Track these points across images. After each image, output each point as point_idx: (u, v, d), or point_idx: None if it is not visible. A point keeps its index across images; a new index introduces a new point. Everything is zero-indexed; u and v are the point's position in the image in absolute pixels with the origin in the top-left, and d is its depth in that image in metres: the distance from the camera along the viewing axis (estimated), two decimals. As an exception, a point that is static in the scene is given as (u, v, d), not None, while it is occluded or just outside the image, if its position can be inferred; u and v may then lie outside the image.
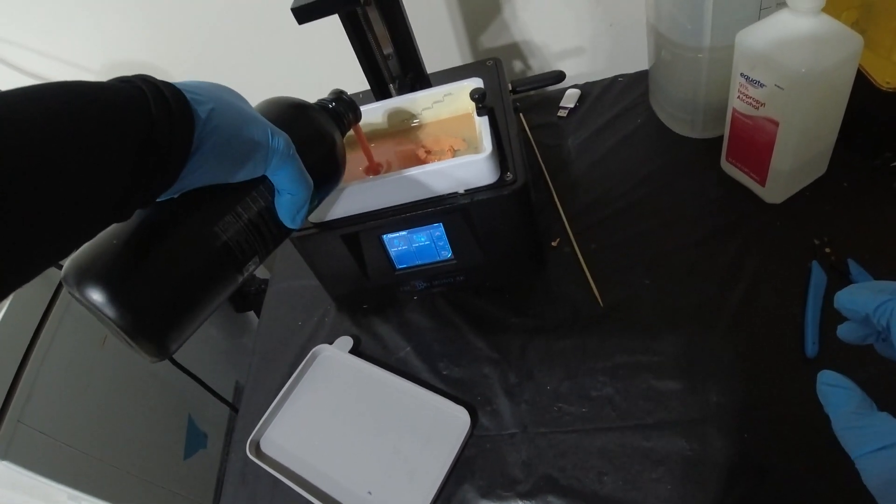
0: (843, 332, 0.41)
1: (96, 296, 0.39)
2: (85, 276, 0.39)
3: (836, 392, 0.36)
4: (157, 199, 0.41)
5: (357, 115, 0.61)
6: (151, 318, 0.41)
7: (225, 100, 0.43)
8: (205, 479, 1.13)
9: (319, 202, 0.55)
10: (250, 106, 0.47)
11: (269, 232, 0.48)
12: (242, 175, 0.45)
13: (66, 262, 0.41)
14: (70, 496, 0.96)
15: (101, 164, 0.35)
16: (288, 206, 0.48)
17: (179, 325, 0.43)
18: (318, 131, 0.54)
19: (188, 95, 0.40)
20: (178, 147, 0.39)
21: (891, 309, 0.35)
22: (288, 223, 0.49)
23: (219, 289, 0.46)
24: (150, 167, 0.37)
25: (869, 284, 0.38)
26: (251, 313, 1.27)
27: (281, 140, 0.46)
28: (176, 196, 0.44)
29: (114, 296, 0.39)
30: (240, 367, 1.25)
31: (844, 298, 0.39)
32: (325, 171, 0.53)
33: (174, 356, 1.06)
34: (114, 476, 1.00)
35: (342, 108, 0.59)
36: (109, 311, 0.39)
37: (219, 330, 1.23)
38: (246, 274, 0.48)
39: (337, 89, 0.60)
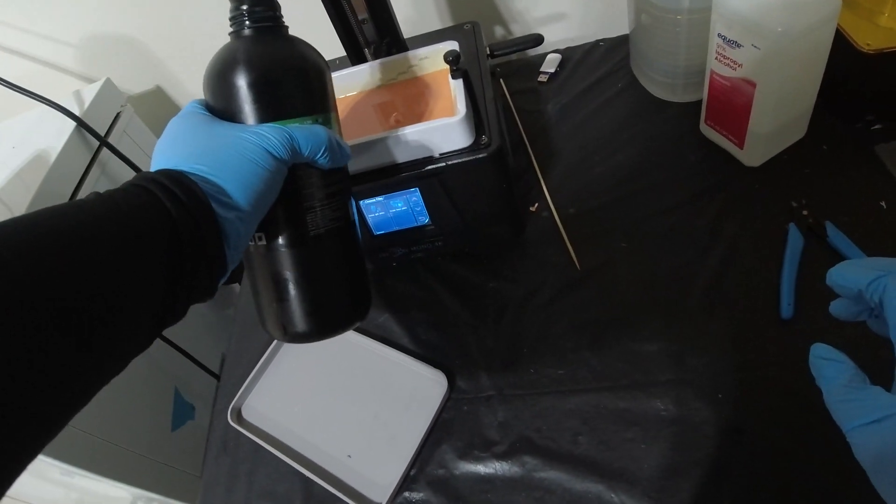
0: (836, 308, 0.40)
1: (314, 339, 0.50)
2: (294, 336, 0.49)
3: (829, 365, 0.35)
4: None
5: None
6: (354, 313, 0.51)
7: (213, 154, 0.42)
8: (194, 450, 1.14)
9: (336, 115, 0.52)
10: (223, 123, 0.45)
11: (338, 185, 0.50)
12: (277, 189, 0.45)
13: (274, 335, 0.50)
14: (62, 471, 0.97)
15: (135, 284, 0.36)
16: (326, 159, 0.46)
17: (365, 292, 0.53)
18: (280, 69, 0.46)
19: (192, 178, 0.40)
20: (209, 228, 0.40)
21: (883, 285, 0.35)
22: (340, 164, 0.49)
23: (356, 251, 0.52)
24: (187, 268, 0.39)
25: (860, 261, 0.37)
26: (236, 285, 1.26)
27: (273, 138, 0.43)
28: (262, 241, 0.47)
29: (323, 331, 0.50)
30: (226, 339, 1.25)
31: (836, 275, 0.38)
32: (313, 91, 0.48)
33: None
34: (104, 449, 1.00)
35: (265, 13, 0.48)
36: (331, 336, 0.50)
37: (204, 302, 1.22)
38: (354, 218, 0.53)
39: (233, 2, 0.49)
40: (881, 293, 0.35)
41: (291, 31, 0.50)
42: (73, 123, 1.00)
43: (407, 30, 0.81)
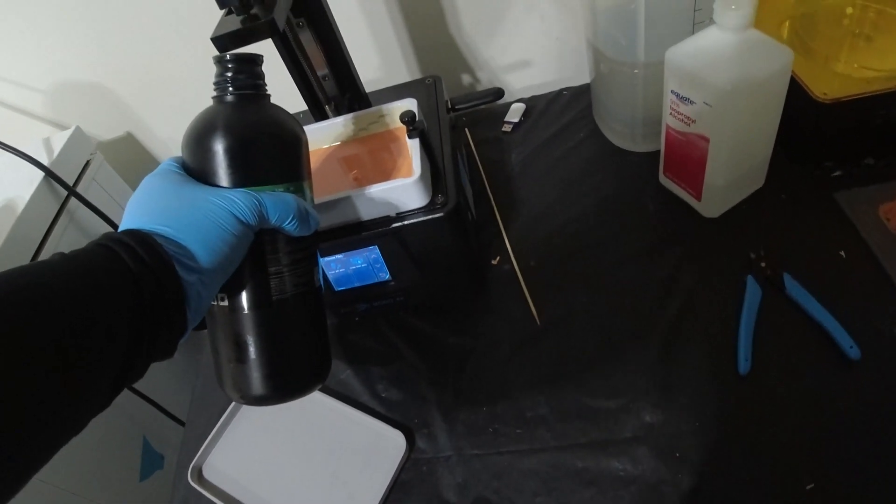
0: None
1: (270, 403, 0.50)
2: (251, 399, 0.49)
3: None
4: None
5: (258, 62, 0.50)
6: (312, 380, 0.51)
7: (181, 216, 0.43)
8: (162, 501, 1.12)
9: (310, 183, 0.53)
10: (195, 185, 0.45)
11: (304, 251, 0.50)
12: (242, 252, 0.45)
13: (231, 396, 0.50)
14: (26, 521, 0.95)
15: (96, 344, 0.37)
16: (293, 226, 0.47)
17: (325, 358, 0.53)
18: (256, 138, 0.48)
19: (157, 239, 0.41)
20: (171, 288, 0.40)
21: None
22: (307, 233, 0.49)
23: (319, 317, 0.52)
24: (147, 328, 0.39)
25: None
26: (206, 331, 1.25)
27: (241, 203, 0.44)
28: (224, 302, 0.47)
29: (280, 396, 0.49)
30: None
31: None
32: (286, 160, 0.50)
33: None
34: (69, 501, 0.99)
35: (247, 81, 0.49)
36: (287, 401, 0.50)
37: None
38: (320, 284, 0.53)
39: (216, 61, 0.49)
40: None
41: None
42: (41, 172, 1.00)
43: (377, 78, 0.81)
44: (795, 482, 0.55)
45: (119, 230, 0.42)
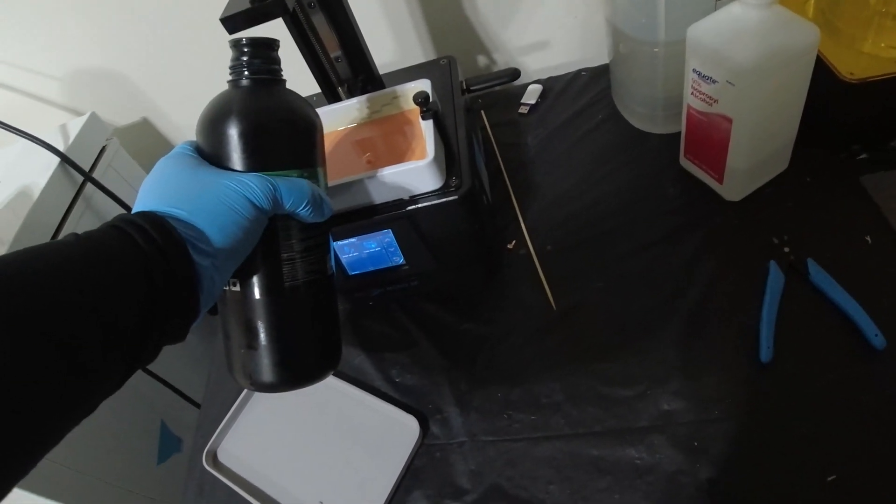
0: None
1: (280, 391, 0.49)
2: (260, 385, 0.48)
3: None
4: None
5: (274, 46, 0.50)
6: (322, 368, 0.51)
7: (195, 199, 0.42)
8: (180, 484, 1.13)
9: (324, 170, 0.52)
10: (209, 168, 0.45)
11: (317, 238, 0.50)
12: (255, 238, 0.45)
13: (240, 382, 0.49)
14: (42, 506, 0.96)
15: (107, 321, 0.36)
16: (307, 213, 0.47)
17: (336, 346, 0.52)
18: (271, 122, 0.47)
19: (171, 222, 0.41)
20: (184, 271, 0.40)
21: None
22: (320, 219, 0.49)
23: (331, 304, 0.52)
24: (159, 312, 0.39)
25: None
26: (221, 316, 1.26)
27: (255, 188, 0.44)
28: (236, 287, 0.46)
29: (289, 383, 0.49)
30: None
31: None
32: (301, 145, 0.49)
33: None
34: (86, 484, 1.00)
35: (263, 66, 0.48)
36: (296, 388, 0.50)
37: (192, 333, 1.21)
38: (332, 271, 0.53)
39: (232, 45, 0.49)
40: None
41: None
42: (57, 158, 1.00)
43: (391, 61, 0.80)
44: (817, 473, 0.54)
45: (132, 212, 0.42)
